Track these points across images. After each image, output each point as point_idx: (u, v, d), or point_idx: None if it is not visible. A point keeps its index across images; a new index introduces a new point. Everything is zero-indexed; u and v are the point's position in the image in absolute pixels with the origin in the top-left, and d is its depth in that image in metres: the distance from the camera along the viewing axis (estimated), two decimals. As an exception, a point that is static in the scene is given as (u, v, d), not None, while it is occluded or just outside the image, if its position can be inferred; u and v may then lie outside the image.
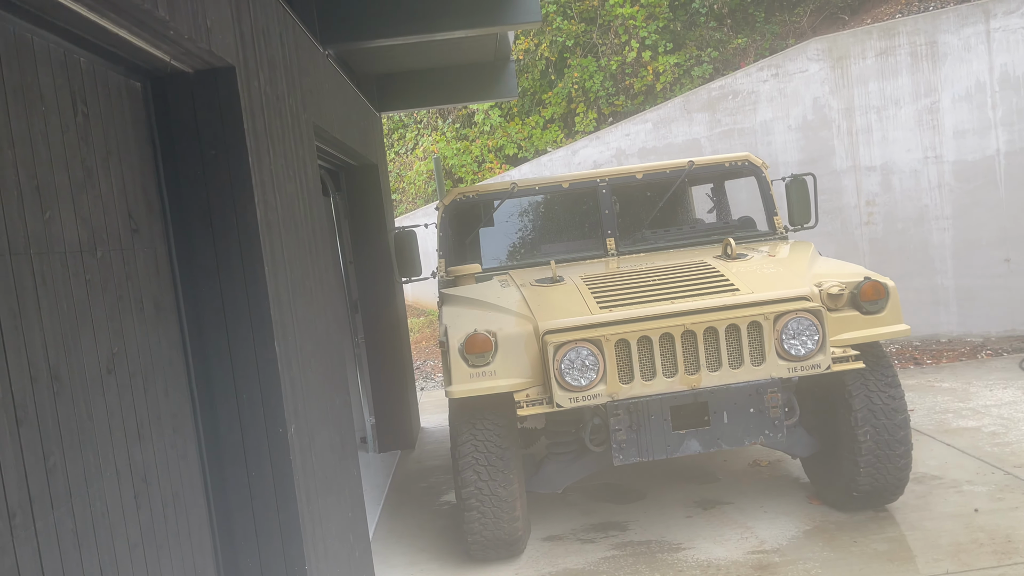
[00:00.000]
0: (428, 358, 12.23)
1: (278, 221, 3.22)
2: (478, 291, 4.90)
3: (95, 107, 2.43)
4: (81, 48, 2.33)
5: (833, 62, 9.88)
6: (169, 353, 2.77)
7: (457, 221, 5.81)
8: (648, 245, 5.62)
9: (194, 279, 2.91)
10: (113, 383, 2.35)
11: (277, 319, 3.05)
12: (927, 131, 9.39)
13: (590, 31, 14.25)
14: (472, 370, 4.17)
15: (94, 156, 2.38)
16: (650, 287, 4.39)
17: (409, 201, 17.18)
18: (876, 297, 4.24)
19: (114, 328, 2.39)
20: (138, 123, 2.74)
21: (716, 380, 4.06)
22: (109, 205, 2.45)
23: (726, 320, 4.06)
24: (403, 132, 18.12)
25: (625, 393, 4.03)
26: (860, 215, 9.77)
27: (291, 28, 3.92)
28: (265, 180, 3.11)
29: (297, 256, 3.50)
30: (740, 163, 5.75)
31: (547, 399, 4.07)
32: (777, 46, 13.24)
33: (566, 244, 5.83)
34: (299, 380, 3.27)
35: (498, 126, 14.88)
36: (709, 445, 4.04)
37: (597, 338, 4.01)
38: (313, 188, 4.05)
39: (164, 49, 2.56)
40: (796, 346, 4.06)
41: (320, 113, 4.48)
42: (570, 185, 5.68)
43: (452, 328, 4.31)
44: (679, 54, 13.62)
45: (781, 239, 5.65)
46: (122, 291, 2.47)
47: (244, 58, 3.03)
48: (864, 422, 4.27)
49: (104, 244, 2.38)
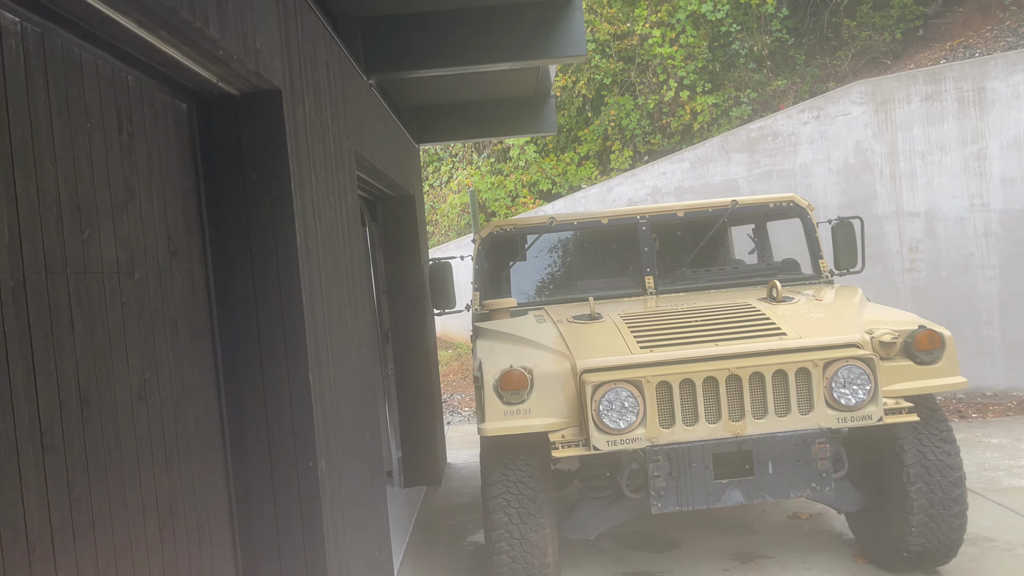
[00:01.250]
0: (456, 391, 12.10)
1: (317, 248, 3.15)
2: (513, 326, 4.79)
3: (140, 126, 2.38)
4: (129, 66, 2.29)
5: (877, 106, 9.74)
6: (201, 380, 2.69)
7: (493, 254, 5.72)
8: (688, 285, 5.49)
9: (230, 305, 2.84)
10: (144, 409, 2.26)
11: (312, 349, 2.96)
12: (974, 178, 9.18)
13: (628, 69, 14.27)
14: (506, 407, 4.04)
15: (137, 176, 2.33)
16: (693, 328, 4.24)
17: (442, 233, 17.20)
18: (932, 347, 4.06)
19: (147, 352, 2.31)
20: (182, 144, 2.69)
21: (761, 428, 3.89)
22: (149, 226, 2.39)
23: (773, 365, 3.90)
24: (438, 165, 18.21)
25: (666, 438, 3.87)
26: (903, 261, 9.54)
27: (336, 54, 3.90)
28: (306, 206, 3.04)
29: (334, 285, 3.42)
30: (785, 204, 5.61)
31: (583, 441, 3.93)
32: (817, 89, 13.13)
33: (603, 281, 5.72)
34: (331, 413, 3.17)
35: (533, 161, 14.88)
36: (752, 496, 3.86)
37: (638, 379, 3.87)
38: (352, 216, 3.99)
39: (212, 70, 2.51)
40: (846, 395, 3.88)
41: (361, 141, 4.44)
42: (609, 221, 5.58)
43: (487, 363, 4.20)
44: (717, 94, 13.56)
45: (826, 283, 5.48)
46: (158, 315, 2.39)
47: (290, 82, 2.99)
48: (917, 478, 4.06)
49: (142, 266, 2.31)
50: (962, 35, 12.73)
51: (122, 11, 1.96)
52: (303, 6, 3.27)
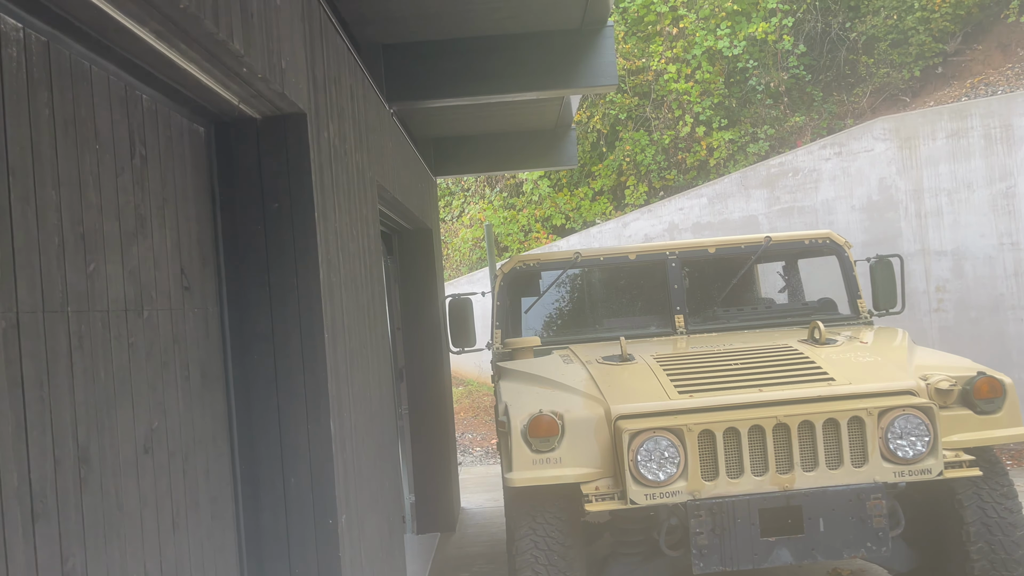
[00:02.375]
0: (467, 430, 11.79)
1: (340, 284, 2.92)
2: (539, 366, 4.53)
3: (154, 149, 2.17)
4: (144, 83, 2.08)
5: (900, 142, 9.56)
6: (213, 428, 2.44)
7: (515, 290, 5.49)
8: (720, 324, 5.23)
9: (246, 345, 2.60)
10: (149, 465, 2.02)
11: (334, 393, 2.71)
12: (1002, 216, 8.95)
13: (643, 105, 14.16)
14: (535, 455, 3.77)
15: (149, 203, 2.11)
16: (733, 372, 3.99)
17: (453, 268, 17.01)
18: (992, 395, 3.79)
19: (155, 400, 2.07)
20: (198, 170, 2.48)
21: (812, 482, 3.61)
22: (161, 259, 2.16)
23: (824, 414, 3.63)
24: (450, 199, 18.09)
25: (708, 491, 3.59)
26: (930, 301, 9.27)
27: (361, 80, 3.71)
28: (330, 239, 2.82)
29: (356, 322, 3.19)
30: (821, 241, 5.38)
31: (619, 494, 3.65)
32: (835, 126, 12.99)
33: (631, 319, 5.47)
34: (352, 462, 2.92)
35: (546, 196, 14.73)
36: (802, 556, 3.57)
37: (678, 427, 3.60)
38: (375, 250, 3.78)
39: (234, 90, 2.31)
40: (903, 447, 3.60)
41: (383, 172, 4.24)
42: (637, 257, 5.35)
43: (514, 407, 3.94)
44: (734, 130, 13.43)
45: (866, 324, 5.23)
46: (168, 356, 2.16)
47: (315, 106, 2.79)
48: (978, 537, 3.76)
49: (152, 303, 2.08)
50: (982, 72, 12.60)
51: (139, 20, 1.76)
52: (328, 27, 3.09)
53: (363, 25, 4.21)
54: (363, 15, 4.04)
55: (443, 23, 4.30)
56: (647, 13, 13.86)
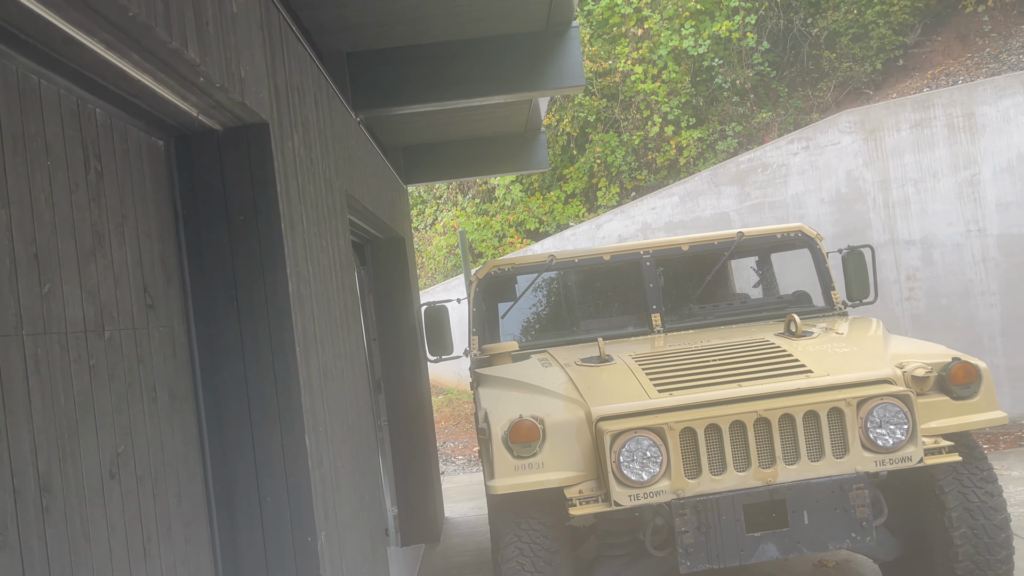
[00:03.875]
0: (448, 439, 11.71)
1: (310, 296, 2.86)
2: (518, 371, 4.50)
3: (110, 165, 2.10)
4: (97, 97, 2.02)
5: (866, 134, 9.66)
6: (184, 449, 2.37)
7: (491, 295, 5.45)
8: (696, 321, 5.23)
9: (215, 362, 2.54)
10: (116, 490, 1.95)
11: (308, 408, 2.65)
12: (968, 204, 9.07)
13: (612, 106, 14.21)
14: (517, 461, 3.73)
15: (106, 220, 2.04)
16: (712, 368, 3.98)
17: (428, 276, 16.93)
18: (968, 380, 3.81)
19: (121, 423, 2.00)
20: (159, 185, 2.42)
21: (794, 475, 3.60)
22: (122, 277, 2.10)
23: (804, 406, 3.63)
24: (422, 207, 18.01)
25: (692, 490, 3.58)
26: (900, 290, 9.37)
27: (324, 89, 3.66)
28: (298, 250, 2.76)
29: (329, 335, 3.13)
30: (793, 234, 5.40)
31: (603, 496, 3.62)
32: (801, 121, 13.11)
33: (607, 320, 5.45)
34: (330, 477, 2.86)
35: (519, 201, 14.72)
36: (788, 550, 3.56)
37: (659, 426, 3.58)
38: (345, 260, 3.72)
39: (192, 101, 2.25)
40: (883, 436, 3.61)
41: (352, 182, 4.19)
42: (612, 257, 5.34)
43: (493, 413, 3.90)
44: (702, 129, 13.51)
45: (840, 315, 5.25)
46: (132, 378, 2.09)
47: (278, 115, 2.73)
48: (960, 523, 3.78)
49: (114, 323, 2.02)
50: (943, 63, 12.79)
51: (87, 30, 1.70)
52: (289, 35, 3.04)
53: (325, 34, 4.16)
54: (324, 24, 3.99)
55: (405, 29, 4.26)
56: (611, 15, 13.92)
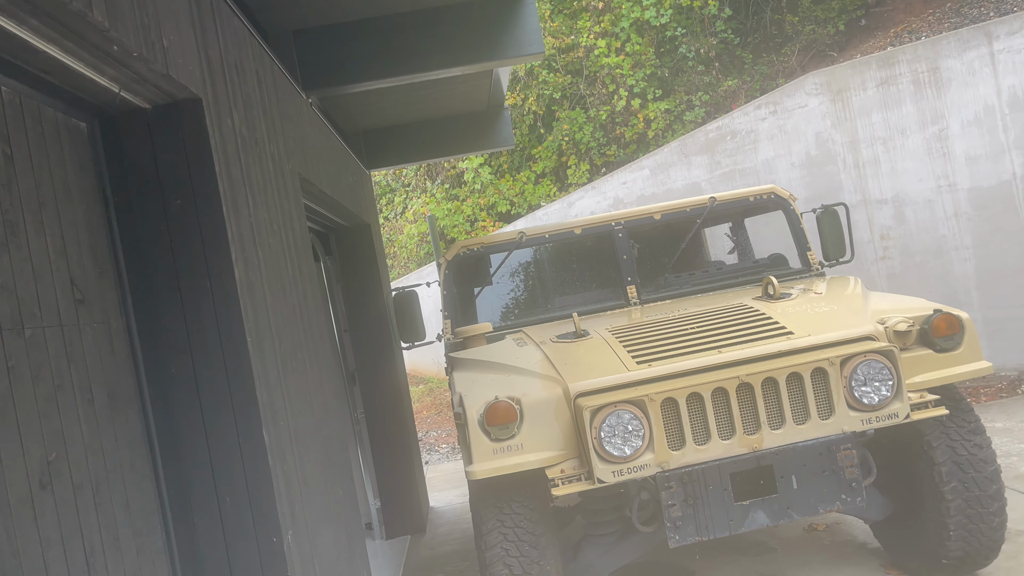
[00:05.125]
0: (431, 428, 11.58)
1: (261, 283, 2.69)
2: (492, 352, 4.35)
3: (22, 148, 1.92)
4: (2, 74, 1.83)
5: (833, 95, 9.59)
6: (129, 453, 2.20)
7: (461, 277, 5.29)
8: (672, 291, 5.11)
9: (160, 358, 2.37)
10: (49, 501, 1.78)
11: (266, 401, 2.49)
12: (938, 159, 9.03)
13: (577, 83, 14.04)
14: (495, 444, 3.59)
15: (20, 208, 1.86)
16: (690, 336, 3.85)
17: (401, 265, 16.72)
18: (951, 332, 3.72)
19: (50, 428, 1.83)
20: (84, 170, 2.23)
21: (780, 439, 3.50)
22: (43, 270, 1.92)
23: (786, 368, 3.52)
24: (391, 196, 17.76)
25: (677, 461, 3.46)
26: (875, 250, 9.33)
27: (268, 66, 3.46)
28: (244, 234, 2.59)
29: (287, 324, 2.96)
30: (766, 196, 5.29)
31: (586, 474, 3.49)
32: (767, 87, 13.02)
33: (582, 295, 5.32)
34: (295, 473, 2.70)
35: (489, 184, 14.53)
36: (779, 516, 3.45)
37: (639, 398, 3.46)
38: (302, 246, 3.54)
39: (110, 74, 2.06)
40: (868, 394, 3.51)
41: (306, 164, 4.00)
42: (583, 231, 5.20)
43: (468, 396, 3.75)
44: (669, 100, 13.39)
45: (818, 275, 5.16)
46: (61, 379, 1.92)
47: (213, 91, 2.55)
48: (950, 477, 3.70)
49: (34, 319, 1.84)
50: (904, 21, 12.75)
51: (-28, -8, 1.52)
52: (222, 7, 2.84)
53: (268, 11, 3.95)
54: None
55: (352, 2, 4.07)
56: (571, -11, 13.72)
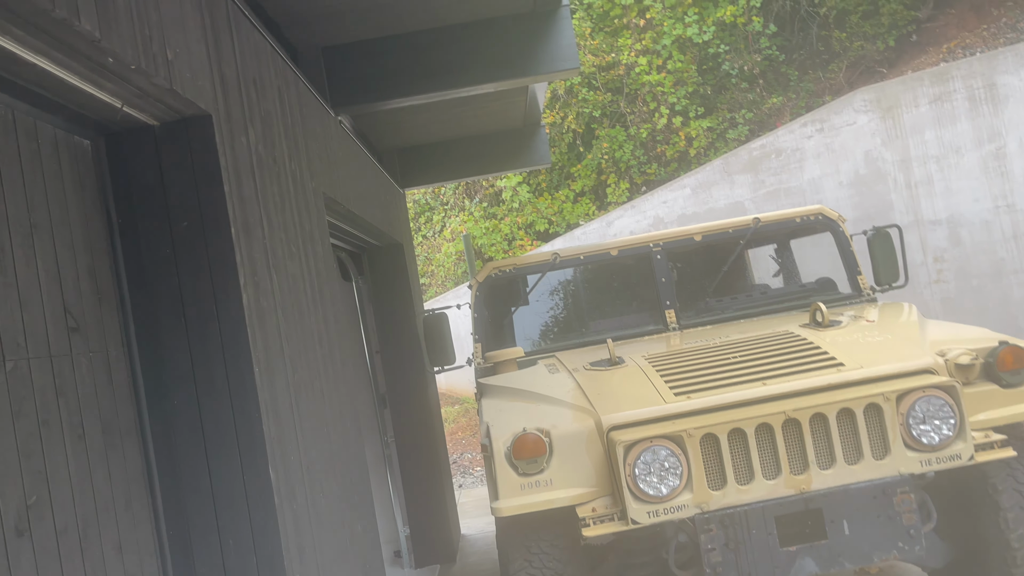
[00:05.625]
0: (465, 450, 11.39)
1: (274, 308, 2.55)
2: (523, 379, 4.17)
3: (11, 167, 1.80)
4: (-13, 86, 1.72)
5: (883, 112, 9.26)
6: (125, 491, 2.06)
7: (493, 299, 5.12)
8: (713, 316, 4.87)
9: (163, 390, 2.23)
10: (27, 548, 1.64)
11: (274, 436, 2.34)
12: (995, 178, 8.64)
13: (617, 100, 13.86)
14: (523, 479, 3.39)
15: (6, 230, 1.74)
16: (732, 366, 3.62)
17: (439, 284, 16.64)
18: (1018, 365, 3.43)
19: (31, 468, 1.69)
20: (86, 190, 2.11)
21: (831, 480, 3.24)
22: (30, 297, 1.79)
23: (836, 403, 3.27)
24: (430, 215, 17.74)
25: (717, 502, 3.22)
26: (928, 273, 8.94)
27: (292, 82, 3.35)
28: (256, 257, 2.45)
29: (302, 352, 2.82)
30: (813, 217, 5.03)
31: (618, 513, 3.28)
32: (813, 104, 12.69)
33: (618, 319, 5.11)
34: (305, 512, 2.54)
35: (527, 202, 14.39)
36: (829, 564, 3.19)
37: (677, 434, 3.24)
38: (324, 268, 3.41)
39: (109, 89, 1.94)
40: (928, 432, 3.24)
41: (332, 184, 3.88)
42: (619, 252, 4.99)
43: (495, 427, 3.57)
44: (711, 118, 13.13)
45: (869, 301, 4.87)
46: (48, 414, 1.78)
47: (226, 107, 2.43)
48: (1017, 524, 3.40)
49: (17, 351, 1.71)
50: (958, 36, 12.33)
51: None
52: (241, 20, 2.73)
53: (296, 27, 3.86)
54: (294, 14, 3.69)
55: (382, 17, 3.95)
56: (612, 7, 13.58)
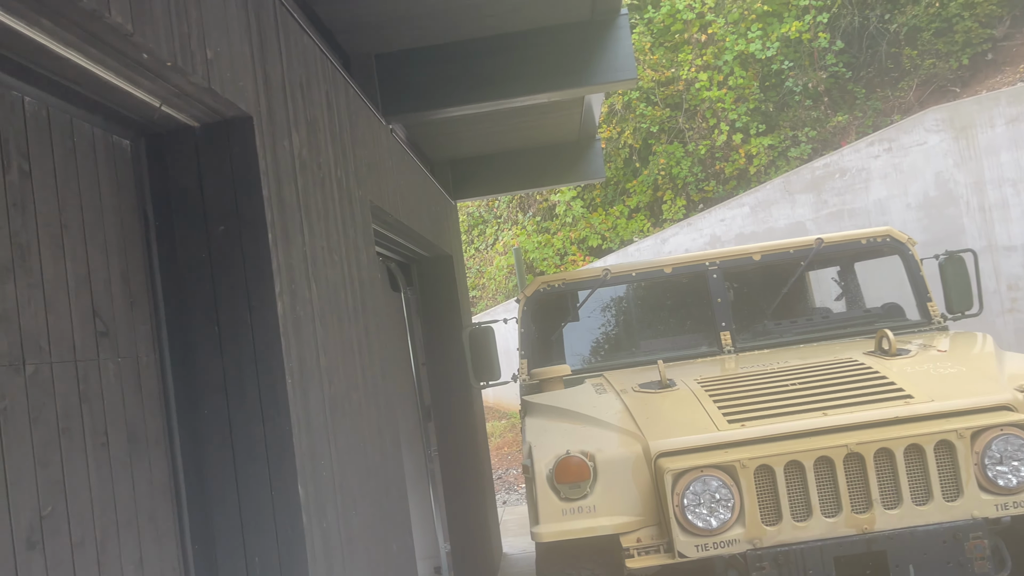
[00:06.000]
0: (511, 466, 11.25)
1: (311, 318, 2.47)
2: (568, 399, 4.02)
3: (44, 164, 1.75)
4: (19, 80, 1.67)
5: (956, 132, 8.87)
6: (149, 504, 1.99)
7: (541, 315, 5.00)
8: (771, 340, 4.66)
9: (193, 398, 2.16)
10: (38, 563, 1.57)
11: (305, 450, 2.25)
12: (1076, 203, 8.19)
13: (675, 116, 13.64)
14: (565, 504, 3.25)
15: (33, 230, 1.69)
16: (791, 394, 3.43)
17: (489, 297, 16.58)
18: (1108, 405, 3.16)
19: (48, 477, 1.63)
20: (123, 191, 2.06)
21: (896, 521, 3.02)
22: (57, 299, 1.73)
23: (905, 439, 3.05)
24: (483, 228, 17.72)
25: (771, 539, 3.03)
26: (1001, 301, 8.51)
27: (342, 88, 3.30)
28: (294, 265, 2.38)
29: (340, 363, 2.73)
30: (880, 239, 4.78)
31: (664, 545, 3.11)
32: (880, 123, 12.28)
33: (670, 340, 4.93)
34: (336, 530, 2.44)
35: (581, 217, 14.25)
36: (892, 612, 2.97)
37: (730, 464, 3.06)
38: (368, 278, 3.33)
39: (146, 87, 1.89)
40: (1005, 474, 3.00)
41: (380, 192, 3.81)
42: (674, 270, 4.82)
43: (538, 448, 3.43)
44: (773, 135, 12.81)
45: (940, 330, 4.60)
46: (69, 421, 1.72)
47: (269, 109, 2.36)
48: (1104, 578, 3.12)
49: (38, 354, 1.65)
50: (1036, 55, 11.81)
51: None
52: (289, 22, 2.68)
53: (349, 33, 3.82)
54: (346, 22, 3.65)
55: (435, 25, 3.88)
56: (673, 22, 13.40)
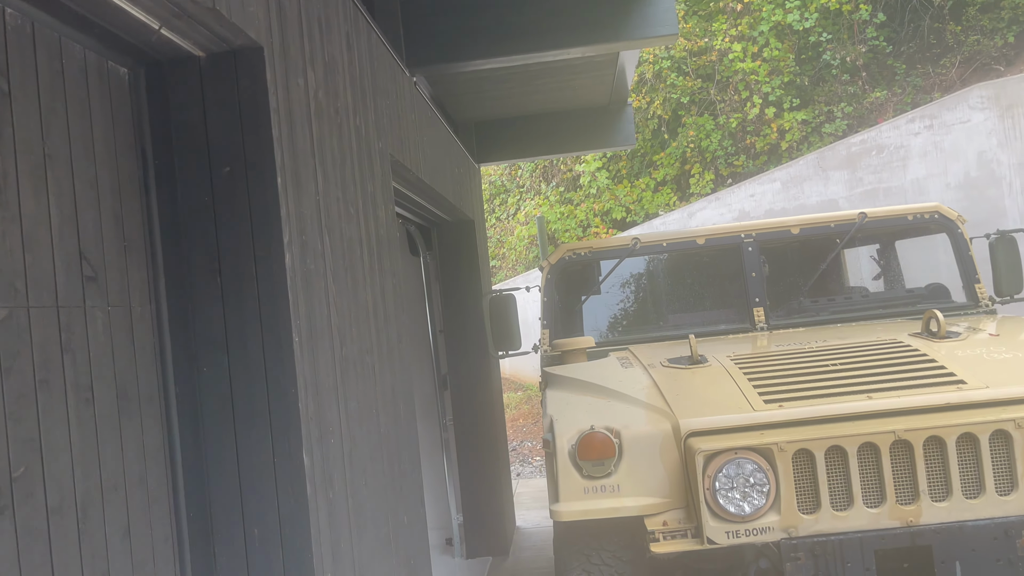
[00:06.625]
0: (526, 438, 11.12)
1: (322, 273, 2.28)
2: (592, 372, 3.83)
3: (25, 86, 1.56)
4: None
5: (1001, 111, 8.49)
6: (139, 468, 1.82)
7: (565, 284, 4.79)
8: (807, 317, 4.43)
9: (191, 353, 1.98)
10: (7, 529, 1.40)
11: (312, 414, 2.07)
12: None
13: (707, 87, 13.27)
14: (587, 482, 3.07)
15: (12, 157, 1.50)
16: (833, 375, 3.20)
17: (509, 268, 16.38)
18: None
19: (21, 435, 1.45)
20: (119, 124, 1.87)
21: (944, 515, 2.81)
22: (36, 237, 1.55)
23: (957, 427, 2.83)
24: (504, 197, 17.46)
25: (808, 528, 2.83)
26: (1042, 287, 8.17)
27: (365, 32, 3.07)
28: (305, 213, 2.18)
29: (353, 324, 2.55)
30: (928, 216, 4.52)
31: (692, 530, 2.92)
32: (920, 100, 11.86)
33: (700, 315, 4.71)
34: (343, 501, 2.27)
35: (605, 188, 13.96)
36: (935, 611, 2.77)
37: (766, 446, 2.85)
38: (387, 235, 3.13)
39: (144, 4, 1.68)
40: (1065, 469, 2.77)
41: (401, 147, 3.60)
42: (706, 241, 4.59)
43: (560, 422, 3.25)
44: (807, 110, 12.42)
45: (987, 313, 4.35)
46: (48, 373, 1.54)
47: (283, 42, 2.15)
48: None
49: (15, 297, 1.47)
50: (1088, 33, 11.33)
51: None
52: (308, -49, 2.46)
53: (373, -25, 3.59)
54: (371, -40, 3.42)
55: (467, -32, 3.65)
56: (708, -10, 12.99)
